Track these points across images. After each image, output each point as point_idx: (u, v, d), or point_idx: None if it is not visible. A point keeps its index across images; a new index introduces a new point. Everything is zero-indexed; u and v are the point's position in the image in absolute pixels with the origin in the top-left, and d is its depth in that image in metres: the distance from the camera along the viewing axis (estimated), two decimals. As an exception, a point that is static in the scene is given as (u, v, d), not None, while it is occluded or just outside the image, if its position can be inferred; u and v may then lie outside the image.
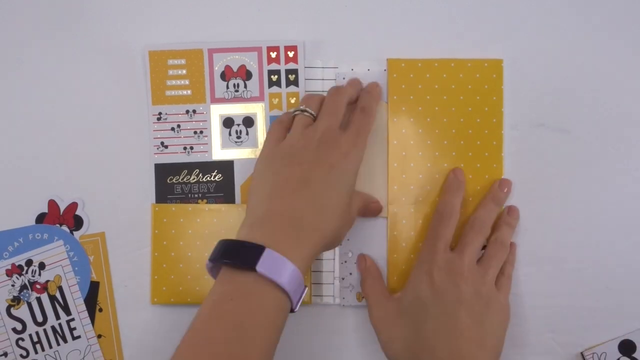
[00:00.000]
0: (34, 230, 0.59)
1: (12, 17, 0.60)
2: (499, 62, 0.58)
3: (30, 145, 0.60)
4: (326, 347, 0.59)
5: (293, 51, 0.58)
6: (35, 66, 0.60)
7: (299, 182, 0.48)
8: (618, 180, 0.58)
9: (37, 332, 0.59)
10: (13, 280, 0.59)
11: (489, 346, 0.51)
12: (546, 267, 0.58)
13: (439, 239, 0.54)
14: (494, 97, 0.58)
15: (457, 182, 0.56)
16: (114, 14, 0.59)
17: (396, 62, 0.58)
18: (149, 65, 0.58)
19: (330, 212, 0.49)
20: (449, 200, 0.55)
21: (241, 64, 0.58)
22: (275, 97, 0.58)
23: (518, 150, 0.58)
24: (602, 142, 0.58)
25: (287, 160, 0.50)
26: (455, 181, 0.56)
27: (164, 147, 0.59)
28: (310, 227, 0.48)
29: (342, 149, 0.50)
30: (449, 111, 0.57)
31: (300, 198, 0.48)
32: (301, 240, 0.47)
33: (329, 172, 0.49)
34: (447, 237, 0.54)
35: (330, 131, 0.51)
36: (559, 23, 0.59)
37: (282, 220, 0.47)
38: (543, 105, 0.58)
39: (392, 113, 0.57)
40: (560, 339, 0.58)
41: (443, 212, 0.55)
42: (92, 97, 0.59)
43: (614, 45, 0.59)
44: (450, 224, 0.54)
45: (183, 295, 0.58)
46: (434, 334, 0.50)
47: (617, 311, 0.58)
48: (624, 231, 0.58)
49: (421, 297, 0.52)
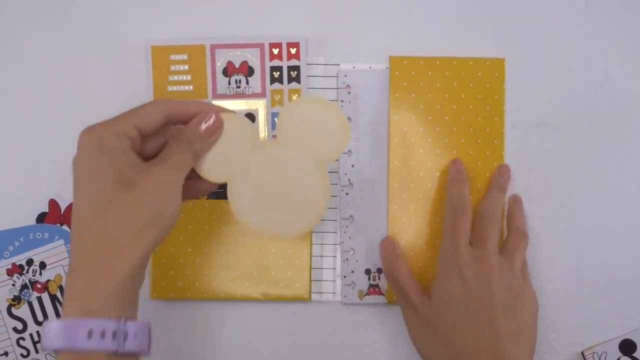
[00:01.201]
0: (34, 230, 0.59)
1: (12, 12, 0.60)
2: (501, 60, 0.58)
3: (31, 144, 0.60)
4: (326, 346, 0.59)
5: (295, 48, 0.58)
6: (35, 62, 0.60)
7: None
8: (618, 180, 0.58)
9: (38, 332, 0.59)
10: (14, 280, 0.59)
11: (525, 341, 0.50)
12: (546, 266, 0.58)
13: (458, 235, 0.52)
14: (495, 95, 0.58)
15: (458, 174, 0.56)
16: (116, 9, 0.59)
17: (398, 60, 0.58)
18: (151, 61, 0.58)
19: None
20: (458, 194, 0.55)
21: (243, 60, 0.58)
22: (277, 93, 0.58)
23: (519, 149, 0.58)
24: (602, 142, 0.58)
25: None
26: (457, 173, 0.56)
27: (165, 143, 0.59)
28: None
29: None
30: (450, 109, 0.58)
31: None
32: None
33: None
34: (466, 230, 0.53)
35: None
36: (561, 22, 0.59)
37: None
38: (544, 104, 0.59)
39: (393, 110, 0.57)
40: (560, 338, 0.58)
41: (457, 207, 0.54)
42: (94, 92, 0.59)
43: (615, 45, 0.59)
44: (465, 216, 0.53)
45: (182, 290, 0.58)
46: (471, 334, 0.49)
47: (617, 310, 0.58)
48: (624, 231, 0.58)
49: (454, 296, 0.50)
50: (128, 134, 0.43)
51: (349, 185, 0.58)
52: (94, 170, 0.42)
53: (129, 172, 0.42)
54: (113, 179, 0.41)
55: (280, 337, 0.58)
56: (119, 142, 0.42)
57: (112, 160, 0.42)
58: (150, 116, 0.44)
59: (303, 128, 0.48)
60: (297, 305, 0.58)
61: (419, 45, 0.58)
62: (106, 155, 0.42)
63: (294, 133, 0.48)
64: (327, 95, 0.58)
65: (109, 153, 0.42)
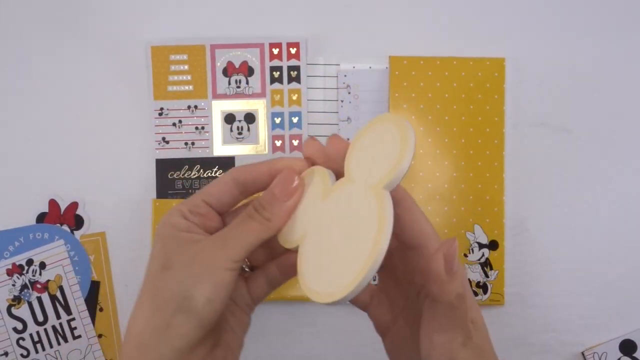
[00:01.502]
0: (34, 230, 0.59)
1: (13, 13, 0.60)
2: (501, 60, 0.58)
3: (31, 144, 0.60)
4: (326, 346, 0.59)
5: (295, 48, 0.58)
6: (36, 63, 0.60)
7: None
8: (618, 180, 0.58)
9: (38, 332, 0.59)
10: (14, 280, 0.59)
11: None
12: (547, 266, 0.58)
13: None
14: (495, 95, 0.58)
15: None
16: (117, 9, 0.59)
17: (398, 60, 0.58)
18: (151, 61, 0.58)
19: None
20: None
21: (243, 60, 0.58)
22: (277, 93, 0.58)
23: (519, 148, 0.58)
24: (602, 142, 0.58)
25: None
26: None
27: (165, 143, 0.59)
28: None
29: None
30: (450, 109, 0.58)
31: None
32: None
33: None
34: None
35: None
36: (561, 23, 0.59)
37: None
38: (544, 104, 0.59)
39: (393, 110, 0.58)
40: (561, 338, 0.58)
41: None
42: (94, 92, 0.59)
43: (615, 45, 0.59)
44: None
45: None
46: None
47: (617, 311, 0.58)
48: (625, 230, 0.58)
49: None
50: (196, 210, 0.37)
51: (349, 185, 0.58)
52: (149, 260, 0.36)
53: (174, 252, 0.35)
54: (157, 265, 0.35)
55: (281, 337, 0.58)
56: (183, 221, 0.36)
57: (163, 244, 0.35)
58: (218, 186, 0.38)
59: (366, 154, 0.36)
60: (297, 305, 0.58)
61: (419, 45, 0.58)
62: (159, 241, 0.36)
63: (358, 162, 0.36)
64: (327, 95, 0.58)
65: (162, 237, 0.36)
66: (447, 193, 0.57)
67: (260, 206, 0.36)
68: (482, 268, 0.58)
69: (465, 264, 0.58)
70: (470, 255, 0.58)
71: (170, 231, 0.36)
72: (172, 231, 0.36)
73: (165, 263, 0.35)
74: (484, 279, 0.58)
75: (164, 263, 0.35)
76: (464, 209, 0.57)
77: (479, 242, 0.58)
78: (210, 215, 0.37)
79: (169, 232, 0.36)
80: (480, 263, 0.58)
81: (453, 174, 0.58)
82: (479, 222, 0.58)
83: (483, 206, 0.58)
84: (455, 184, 0.58)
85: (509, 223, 0.58)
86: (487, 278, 0.58)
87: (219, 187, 0.37)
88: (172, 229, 0.36)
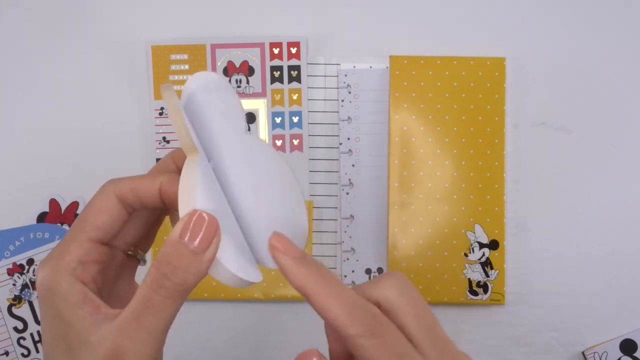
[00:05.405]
0: (35, 230, 0.59)
1: (13, 13, 0.60)
2: (502, 60, 0.58)
3: (31, 144, 0.60)
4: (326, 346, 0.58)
5: (296, 47, 0.58)
6: (36, 62, 0.60)
7: None
8: (619, 179, 0.58)
9: (39, 331, 0.59)
10: (14, 279, 0.59)
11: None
12: (547, 266, 0.58)
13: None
14: (496, 95, 0.58)
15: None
16: (117, 9, 0.59)
17: (398, 59, 0.58)
18: (152, 60, 0.58)
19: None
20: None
21: (244, 59, 0.58)
22: (278, 93, 0.58)
23: (519, 148, 0.58)
24: (602, 142, 0.58)
25: None
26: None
27: (165, 142, 0.59)
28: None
29: None
30: (450, 109, 0.58)
31: None
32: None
33: None
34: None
35: None
36: (562, 22, 0.59)
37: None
38: (545, 104, 0.59)
39: (393, 110, 0.57)
40: (561, 338, 0.58)
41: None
42: (94, 92, 0.59)
43: (615, 45, 0.59)
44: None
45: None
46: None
47: (618, 310, 0.57)
48: (625, 230, 0.58)
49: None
50: (89, 260, 0.31)
51: (349, 185, 0.58)
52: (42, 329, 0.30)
53: (71, 343, 0.29)
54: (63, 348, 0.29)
55: (281, 336, 0.58)
56: (75, 287, 0.29)
57: (52, 329, 0.29)
58: (104, 214, 0.31)
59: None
60: (298, 305, 0.58)
61: (420, 45, 0.58)
62: (47, 319, 0.30)
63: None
64: (327, 95, 0.58)
65: (50, 316, 0.30)
66: (447, 193, 0.57)
67: (169, 269, 0.29)
68: (483, 268, 0.58)
69: (466, 263, 0.58)
70: (470, 255, 0.58)
71: (62, 308, 0.29)
72: (65, 308, 0.29)
73: (70, 346, 0.28)
74: (485, 278, 0.58)
75: (69, 345, 0.28)
76: (464, 208, 0.57)
77: (479, 241, 0.58)
78: (103, 257, 0.31)
79: (59, 309, 0.29)
80: (481, 262, 0.58)
81: (453, 174, 0.58)
82: (479, 222, 0.58)
83: (484, 206, 0.58)
84: (456, 183, 0.58)
85: (510, 222, 0.58)
86: (487, 278, 0.58)
87: (106, 215, 0.31)
88: (63, 304, 0.29)
